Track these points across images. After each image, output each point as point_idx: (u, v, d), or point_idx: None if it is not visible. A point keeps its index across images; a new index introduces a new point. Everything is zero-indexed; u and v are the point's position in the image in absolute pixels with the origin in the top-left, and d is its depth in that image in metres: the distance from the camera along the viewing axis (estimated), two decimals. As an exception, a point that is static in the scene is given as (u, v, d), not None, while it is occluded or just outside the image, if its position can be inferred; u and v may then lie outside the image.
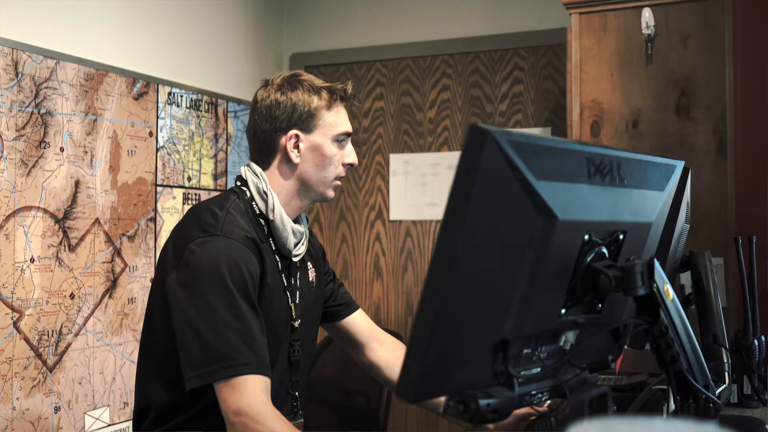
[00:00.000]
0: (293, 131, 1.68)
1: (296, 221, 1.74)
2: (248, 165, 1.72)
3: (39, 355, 2.40)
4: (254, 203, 1.67)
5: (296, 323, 1.70)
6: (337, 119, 1.71)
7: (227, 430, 1.50)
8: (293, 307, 1.69)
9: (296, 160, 1.68)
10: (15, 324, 2.33)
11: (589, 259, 1.05)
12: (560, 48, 3.29)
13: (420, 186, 3.60)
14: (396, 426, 3.50)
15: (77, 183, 2.54)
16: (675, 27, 2.57)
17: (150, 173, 2.85)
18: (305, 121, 1.68)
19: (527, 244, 0.95)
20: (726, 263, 2.38)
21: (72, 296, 2.52)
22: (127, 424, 2.72)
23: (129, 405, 2.72)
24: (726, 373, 1.60)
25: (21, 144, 2.36)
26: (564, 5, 2.70)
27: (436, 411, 1.63)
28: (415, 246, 3.61)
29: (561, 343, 1.11)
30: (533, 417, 1.56)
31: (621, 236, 1.09)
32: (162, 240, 2.88)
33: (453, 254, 0.87)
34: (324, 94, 1.70)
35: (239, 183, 1.71)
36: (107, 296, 2.65)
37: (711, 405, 1.16)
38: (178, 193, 2.98)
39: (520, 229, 0.94)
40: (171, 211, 2.94)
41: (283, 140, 1.68)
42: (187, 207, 3.01)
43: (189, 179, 3.04)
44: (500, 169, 0.89)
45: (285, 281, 1.68)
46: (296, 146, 1.68)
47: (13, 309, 2.33)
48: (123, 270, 2.72)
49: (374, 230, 3.68)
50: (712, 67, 2.53)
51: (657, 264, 1.08)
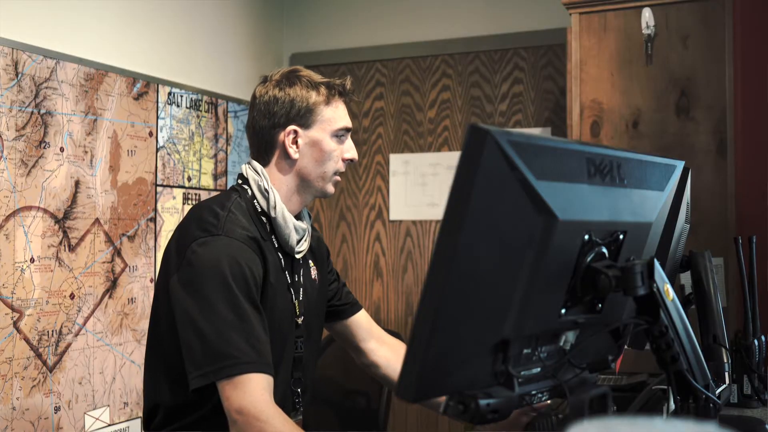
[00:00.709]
0: (291, 127, 1.68)
1: (298, 217, 1.74)
2: (249, 163, 1.72)
3: (39, 355, 2.40)
4: (256, 201, 1.67)
5: (300, 320, 1.71)
6: (336, 114, 1.70)
7: (230, 429, 1.50)
8: (297, 304, 1.70)
9: (295, 156, 1.68)
10: (15, 324, 2.33)
11: (589, 259, 1.05)
12: (560, 48, 3.29)
13: (420, 186, 3.60)
14: (396, 426, 3.49)
15: (77, 183, 2.54)
16: (675, 27, 2.57)
17: (150, 173, 2.85)
18: (303, 117, 1.68)
19: (527, 244, 0.95)
20: (726, 263, 2.38)
21: (72, 296, 2.52)
22: (127, 424, 2.72)
23: (129, 405, 2.73)
24: (726, 373, 1.60)
25: (21, 144, 2.36)
26: (564, 5, 2.70)
27: (437, 409, 1.63)
28: (415, 246, 3.61)
29: (561, 343, 1.11)
30: (534, 415, 1.57)
31: (621, 236, 1.09)
32: (162, 240, 2.88)
33: (453, 254, 0.87)
34: (322, 90, 1.69)
35: (240, 181, 1.71)
36: (107, 296, 2.65)
37: (711, 405, 1.16)
38: (178, 193, 2.98)
39: (520, 229, 0.94)
40: (171, 211, 2.94)
41: (282, 136, 1.68)
42: (188, 207, 3.01)
43: (189, 179, 3.04)
44: (500, 169, 0.89)
45: (288, 278, 1.68)
46: (294, 142, 1.68)
47: (13, 309, 2.33)
48: (123, 270, 2.72)
49: (374, 230, 3.68)
50: (712, 67, 2.52)
51: (657, 264, 1.08)
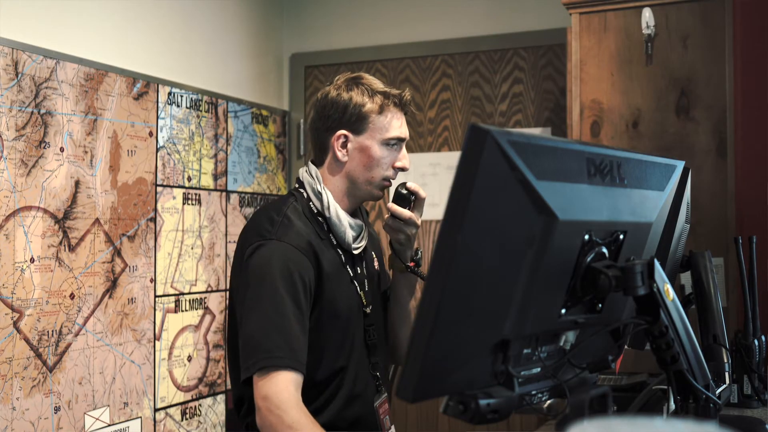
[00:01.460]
0: (342, 131, 1.76)
1: (355, 215, 1.84)
2: (307, 165, 1.83)
3: (39, 355, 2.40)
4: (311, 203, 1.78)
5: (368, 309, 1.82)
6: (388, 124, 1.76)
7: (256, 415, 1.61)
8: (363, 295, 1.80)
9: (343, 159, 1.77)
10: (15, 324, 2.33)
11: (589, 259, 1.05)
12: (560, 48, 3.29)
13: (420, 186, 3.60)
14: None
15: (77, 183, 2.54)
16: (675, 27, 2.57)
17: (150, 173, 2.85)
18: (355, 123, 1.76)
19: (527, 244, 0.95)
20: (726, 263, 2.38)
21: (72, 296, 2.52)
22: (127, 424, 2.72)
23: (129, 405, 2.73)
24: (726, 373, 1.60)
25: (21, 144, 2.36)
26: (564, 5, 2.70)
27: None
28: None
29: (561, 343, 1.11)
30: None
31: (621, 236, 1.09)
32: (162, 240, 2.88)
33: (453, 254, 0.87)
34: (377, 98, 1.76)
35: (297, 185, 1.82)
36: (107, 296, 2.65)
37: (711, 405, 1.17)
38: (178, 193, 2.98)
39: (520, 229, 0.94)
40: (171, 211, 2.94)
41: (333, 139, 1.77)
42: (187, 207, 3.01)
43: (189, 179, 3.04)
44: (500, 169, 0.89)
45: (350, 272, 1.79)
46: (344, 146, 1.77)
47: (13, 309, 2.33)
48: (123, 270, 2.72)
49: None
50: (712, 67, 2.52)
51: (657, 264, 1.08)
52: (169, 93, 2.96)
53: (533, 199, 0.92)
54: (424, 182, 3.60)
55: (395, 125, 1.77)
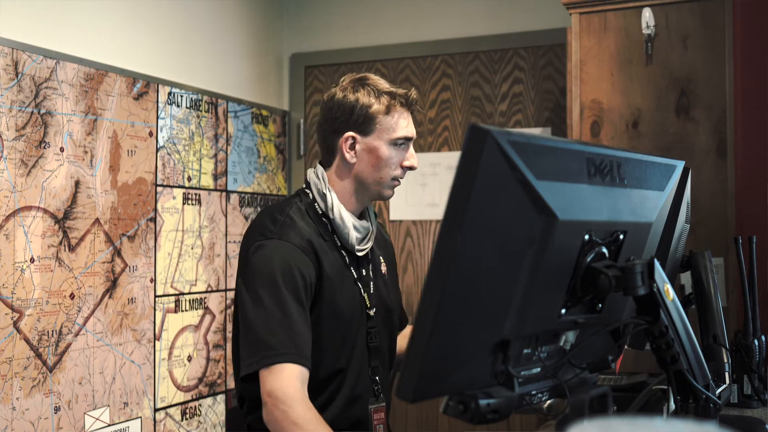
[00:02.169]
0: (350, 133, 1.76)
1: (362, 216, 1.84)
2: (315, 166, 1.83)
3: (39, 355, 2.40)
4: (316, 204, 1.78)
5: (371, 311, 1.81)
6: (396, 124, 1.76)
7: (262, 410, 1.62)
8: (366, 297, 1.80)
9: (352, 161, 1.77)
10: (15, 324, 2.33)
11: (589, 259, 1.05)
12: (560, 48, 3.29)
13: (420, 186, 3.60)
14: (396, 426, 3.49)
15: (77, 183, 2.54)
16: (675, 27, 2.57)
17: (150, 173, 2.85)
18: (362, 124, 1.76)
19: (527, 244, 0.95)
20: (726, 263, 2.38)
21: (72, 296, 2.52)
22: (127, 424, 2.72)
23: (129, 405, 2.73)
24: (726, 373, 1.60)
25: (21, 144, 2.36)
26: (564, 5, 2.70)
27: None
28: (415, 246, 3.61)
29: (561, 343, 1.11)
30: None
31: (621, 236, 1.09)
32: (162, 240, 2.88)
33: (453, 254, 0.87)
34: (384, 99, 1.76)
35: (304, 185, 1.83)
36: (107, 296, 2.65)
37: (711, 405, 1.17)
38: (178, 193, 2.98)
39: (520, 229, 0.94)
40: (171, 211, 2.94)
41: (341, 141, 1.77)
42: (187, 207, 3.01)
43: (189, 179, 3.04)
44: (500, 169, 0.89)
45: (354, 273, 1.79)
46: (352, 147, 1.77)
47: (13, 309, 2.32)
48: (123, 270, 2.72)
49: (374, 230, 3.68)
50: (712, 67, 2.52)
51: (657, 264, 1.08)
52: (169, 93, 2.96)
53: (533, 199, 0.92)
54: (425, 182, 3.60)
55: (402, 125, 1.78)
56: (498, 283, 0.95)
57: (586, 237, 1.03)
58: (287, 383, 1.59)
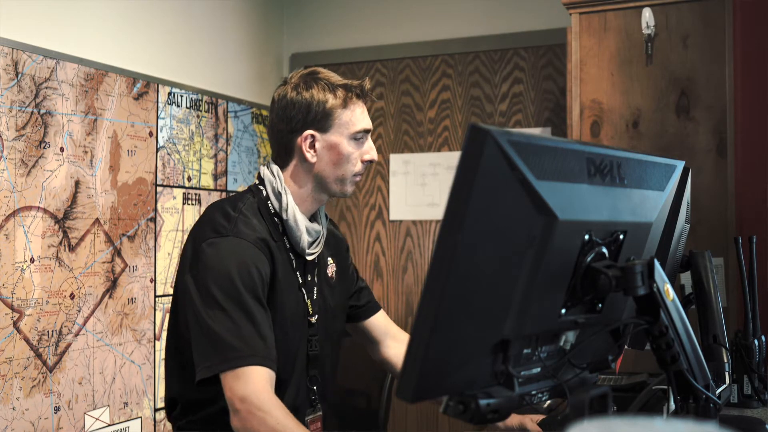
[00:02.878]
0: (309, 131, 1.68)
1: (314, 218, 1.76)
2: (268, 163, 1.74)
3: (39, 355, 2.40)
4: (269, 202, 1.70)
5: (313, 319, 1.73)
6: (354, 117, 1.70)
7: (231, 418, 1.53)
8: (309, 304, 1.73)
9: (312, 160, 1.69)
10: (15, 324, 2.33)
11: (589, 259, 1.05)
12: (560, 48, 3.29)
13: (420, 186, 3.60)
14: (396, 426, 3.49)
15: (77, 183, 2.54)
16: (675, 27, 2.57)
17: (150, 173, 2.85)
18: (321, 121, 1.68)
19: (527, 244, 0.95)
20: (726, 263, 2.38)
21: (72, 296, 2.52)
22: (127, 424, 2.72)
23: (129, 405, 2.73)
24: (726, 373, 1.60)
25: (21, 144, 2.36)
26: (564, 5, 2.70)
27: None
28: (415, 246, 3.61)
29: (561, 343, 1.11)
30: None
31: (621, 236, 1.09)
32: (162, 240, 2.88)
33: (453, 254, 0.87)
34: (339, 92, 1.69)
35: (257, 182, 1.74)
36: (107, 296, 2.65)
37: (711, 405, 1.16)
38: (178, 193, 2.98)
39: (520, 229, 0.94)
40: (171, 211, 2.94)
41: (299, 140, 1.69)
42: (188, 207, 3.01)
43: (189, 179, 3.04)
44: (500, 169, 0.89)
45: (300, 278, 1.71)
46: (312, 146, 1.69)
47: (13, 309, 2.32)
48: (123, 270, 2.72)
49: (374, 230, 3.68)
50: (712, 67, 2.52)
51: (657, 264, 1.08)
52: (169, 93, 2.96)
53: (533, 199, 0.92)
54: (425, 182, 3.60)
55: (360, 117, 1.71)
56: (498, 283, 0.95)
57: (586, 237, 1.03)
58: (260, 388, 1.51)
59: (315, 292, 1.75)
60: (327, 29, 3.77)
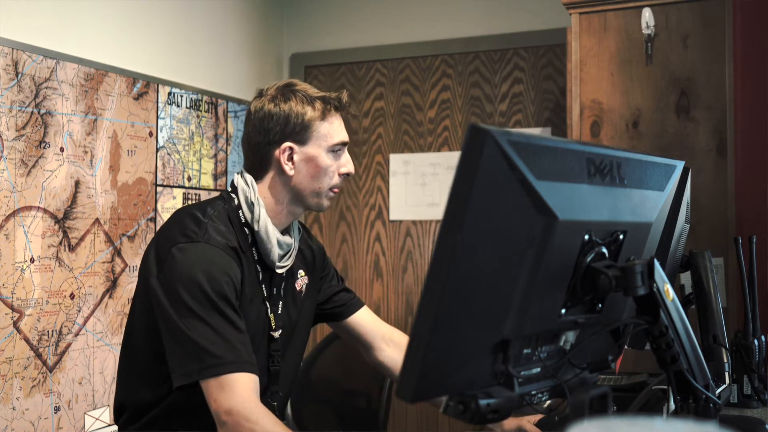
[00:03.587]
0: (287, 144, 1.66)
1: (287, 232, 1.73)
2: (241, 172, 1.71)
3: (39, 355, 2.40)
4: (241, 211, 1.66)
5: (276, 334, 1.69)
6: (332, 130, 1.68)
7: (218, 430, 1.49)
8: (272, 318, 1.69)
9: (290, 173, 1.67)
10: (15, 324, 2.33)
11: (589, 259, 1.05)
12: (560, 48, 3.29)
13: (420, 186, 3.60)
14: (396, 426, 3.50)
15: (77, 183, 2.54)
16: (675, 27, 2.57)
17: (150, 173, 2.85)
18: (299, 133, 1.66)
19: (527, 244, 0.95)
20: (726, 263, 2.38)
21: (72, 296, 2.52)
22: (127, 424, 2.72)
23: (129, 405, 2.73)
24: (726, 373, 1.60)
25: (21, 144, 2.36)
26: (564, 5, 2.70)
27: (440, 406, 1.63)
28: (415, 246, 3.61)
29: (561, 343, 1.11)
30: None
31: (621, 236, 1.09)
32: (162, 240, 2.88)
33: (453, 254, 0.87)
34: (318, 105, 1.67)
35: (230, 189, 1.71)
36: (107, 296, 2.65)
37: (711, 405, 1.16)
38: (178, 193, 2.98)
39: (520, 229, 0.94)
40: (171, 211, 2.94)
41: (277, 153, 1.66)
42: (187, 207, 3.01)
43: (189, 179, 3.04)
44: (500, 169, 0.89)
45: (265, 291, 1.67)
46: (290, 159, 1.66)
47: (13, 309, 2.32)
48: (123, 270, 2.72)
49: (374, 230, 3.68)
50: (712, 67, 2.52)
51: (657, 264, 1.08)
52: (169, 93, 2.96)
53: (533, 199, 0.92)
54: (425, 182, 3.60)
55: (338, 130, 1.69)
56: (498, 283, 0.95)
57: (586, 237, 1.03)
58: (246, 397, 1.47)
59: (280, 306, 1.71)
60: (327, 29, 3.77)
